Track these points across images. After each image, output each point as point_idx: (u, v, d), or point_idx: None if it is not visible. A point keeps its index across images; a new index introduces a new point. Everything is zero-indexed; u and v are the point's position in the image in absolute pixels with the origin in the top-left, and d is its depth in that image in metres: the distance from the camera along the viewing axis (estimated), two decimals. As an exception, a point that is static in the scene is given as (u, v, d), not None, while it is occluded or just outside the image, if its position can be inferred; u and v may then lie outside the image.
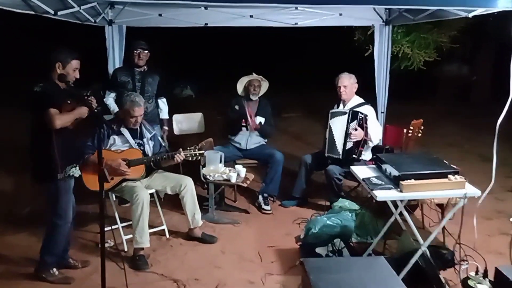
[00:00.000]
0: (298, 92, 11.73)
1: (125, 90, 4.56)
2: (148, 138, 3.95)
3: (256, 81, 4.92)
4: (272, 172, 4.74)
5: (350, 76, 4.55)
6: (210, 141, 4.65)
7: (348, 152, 4.35)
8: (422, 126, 4.07)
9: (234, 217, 4.52)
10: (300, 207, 4.78)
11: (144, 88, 4.71)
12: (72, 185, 3.25)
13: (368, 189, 3.05)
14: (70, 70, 3.12)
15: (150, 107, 4.79)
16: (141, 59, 4.66)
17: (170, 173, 4.03)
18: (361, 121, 4.30)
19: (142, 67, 4.72)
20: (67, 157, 3.14)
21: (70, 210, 3.24)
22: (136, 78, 4.69)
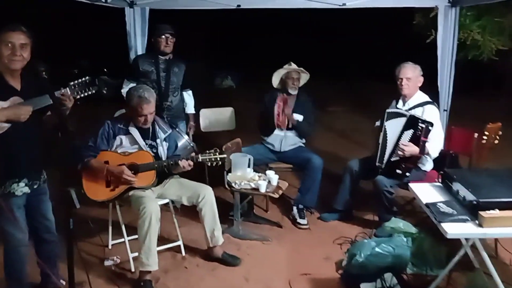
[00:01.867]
0: (344, 84, 10.83)
1: (148, 81, 4.01)
2: (161, 139, 3.34)
3: (295, 73, 4.20)
4: (309, 181, 4.03)
5: (414, 67, 3.73)
6: (237, 142, 3.99)
7: (391, 165, 3.58)
8: (500, 132, 3.21)
9: (263, 232, 3.85)
10: (343, 221, 4.03)
11: (169, 79, 4.12)
12: (20, 203, 2.56)
13: (434, 220, 2.28)
14: (1, 47, 2.35)
15: (175, 101, 4.19)
16: (168, 45, 4.06)
17: (187, 181, 3.40)
18: (419, 133, 3.46)
19: (168, 55, 4.13)
20: (8, 169, 2.47)
21: (18, 232, 2.56)
22: (161, 68, 4.10)
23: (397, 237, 3.20)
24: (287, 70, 4.22)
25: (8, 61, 2.39)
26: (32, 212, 2.65)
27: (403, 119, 3.56)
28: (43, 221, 2.73)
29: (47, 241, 2.73)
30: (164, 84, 4.07)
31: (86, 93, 2.51)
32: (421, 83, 3.77)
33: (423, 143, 3.45)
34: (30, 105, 2.37)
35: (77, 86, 2.48)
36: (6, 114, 2.33)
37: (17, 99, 2.42)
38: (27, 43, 2.42)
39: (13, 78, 2.46)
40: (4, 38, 2.36)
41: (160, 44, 4.04)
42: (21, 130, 2.41)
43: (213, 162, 3.22)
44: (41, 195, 2.67)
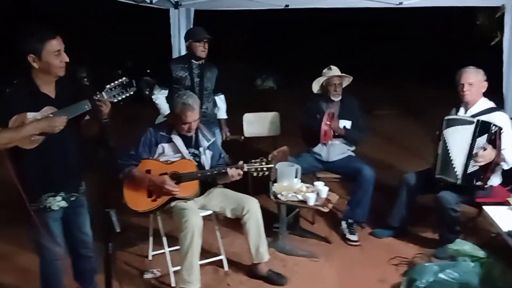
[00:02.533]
0: (392, 86, 10.34)
1: (181, 87, 3.82)
2: (205, 147, 3.16)
3: (336, 78, 3.90)
4: (360, 193, 3.73)
5: (477, 72, 3.37)
6: (284, 150, 3.76)
7: (469, 178, 3.22)
8: None
9: (311, 248, 3.60)
10: (398, 239, 3.71)
11: (203, 84, 3.93)
12: (56, 217, 2.41)
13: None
14: (51, 57, 2.18)
15: (209, 107, 4.01)
16: (205, 50, 3.88)
17: (231, 192, 3.20)
18: (494, 137, 3.12)
19: (201, 60, 3.94)
20: (44, 183, 2.31)
21: (54, 246, 2.40)
22: (195, 73, 3.91)
23: (462, 262, 2.87)
24: (327, 76, 3.93)
25: (58, 70, 2.24)
26: (68, 226, 2.50)
27: (470, 127, 3.21)
28: (80, 235, 2.57)
29: (83, 256, 2.57)
30: (198, 90, 3.87)
31: (123, 95, 2.31)
32: (485, 88, 3.41)
33: (499, 147, 3.12)
34: (64, 115, 2.20)
35: (113, 89, 2.29)
36: (39, 126, 2.16)
37: (51, 109, 2.24)
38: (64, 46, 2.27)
39: (48, 85, 2.29)
40: (51, 49, 2.18)
41: (196, 49, 3.85)
42: (56, 141, 2.25)
43: (259, 173, 3.00)
44: (79, 207, 2.52)
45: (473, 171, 3.20)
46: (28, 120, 2.17)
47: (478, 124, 3.19)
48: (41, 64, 2.19)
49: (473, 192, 3.28)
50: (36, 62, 2.18)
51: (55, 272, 2.51)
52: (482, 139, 3.16)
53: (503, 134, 3.15)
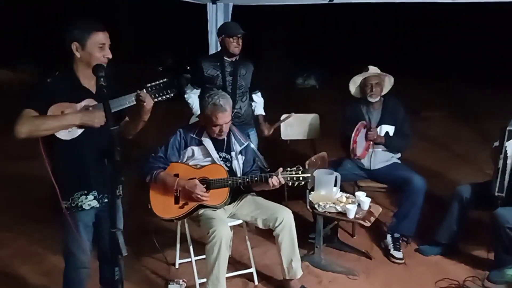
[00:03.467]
0: (443, 87, 9.74)
1: (213, 86, 3.60)
2: (237, 151, 2.94)
3: (373, 78, 3.57)
4: (407, 205, 3.40)
5: None
6: (322, 156, 3.49)
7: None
8: None
9: (349, 263, 3.31)
10: (446, 257, 3.36)
11: (236, 83, 3.69)
12: (87, 220, 2.29)
13: None
14: (94, 49, 2.12)
15: (244, 106, 3.77)
16: (239, 46, 3.63)
17: (263, 200, 2.97)
18: None
19: (235, 56, 3.70)
20: (77, 180, 2.21)
21: (82, 253, 2.29)
22: (227, 71, 3.67)
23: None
24: (364, 76, 3.60)
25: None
26: (100, 228, 2.37)
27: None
28: None
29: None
30: (231, 89, 3.63)
31: (164, 96, 2.23)
32: None
33: None
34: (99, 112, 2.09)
35: (154, 89, 2.20)
36: (80, 117, 2.09)
37: (91, 101, 2.18)
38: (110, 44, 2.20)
39: (89, 80, 2.20)
40: (96, 40, 2.13)
41: (230, 45, 3.60)
42: (94, 136, 2.15)
43: (294, 182, 2.75)
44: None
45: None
46: (68, 110, 2.11)
47: None
48: (83, 54, 2.13)
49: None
50: (79, 51, 2.13)
51: (79, 280, 2.40)
52: None
53: None
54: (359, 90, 3.69)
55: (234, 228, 3.05)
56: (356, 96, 3.72)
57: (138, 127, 2.33)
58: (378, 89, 3.57)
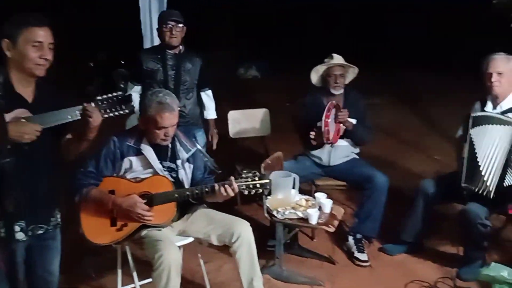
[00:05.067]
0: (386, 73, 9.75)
1: (154, 82, 3.26)
2: (183, 159, 2.54)
3: (338, 68, 3.31)
4: (370, 204, 3.18)
5: (508, 59, 2.84)
6: (277, 157, 3.18)
7: (506, 192, 2.70)
8: None
9: (312, 270, 3.05)
10: (413, 255, 3.19)
11: (179, 78, 3.32)
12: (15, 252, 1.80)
13: None
14: (27, 47, 1.76)
15: (189, 104, 3.41)
16: (174, 36, 3.26)
17: (217, 213, 2.60)
18: None
19: (177, 48, 3.33)
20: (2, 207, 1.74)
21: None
22: (169, 65, 3.31)
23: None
24: (328, 65, 3.35)
25: (34, 66, 1.78)
26: (31, 262, 1.96)
27: (507, 128, 2.69)
28: (45, 275, 2.03)
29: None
30: (173, 85, 3.28)
31: (116, 112, 1.87)
32: None
33: None
34: (39, 123, 1.72)
35: (105, 103, 1.84)
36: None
37: (24, 112, 1.76)
38: (53, 43, 1.80)
39: (25, 87, 1.81)
40: (31, 37, 1.77)
41: (164, 35, 3.24)
42: (24, 155, 1.73)
43: (251, 190, 2.41)
44: (48, 240, 1.99)
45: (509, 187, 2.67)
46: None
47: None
48: (15, 53, 1.78)
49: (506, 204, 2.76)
50: (10, 50, 1.79)
51: None
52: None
53: None
54: (321, 80, 3.41)
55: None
56: (317, 85, 3.44)
57: (81, 147, 1.94)
58: (342, 80, 3.32)
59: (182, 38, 3.32)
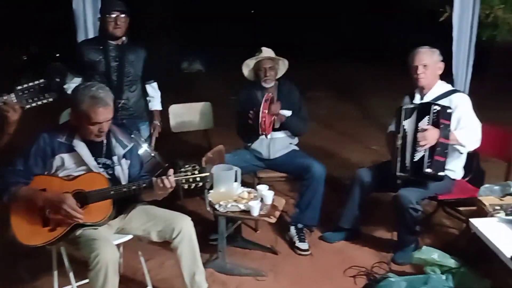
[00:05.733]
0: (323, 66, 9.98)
1: (95, 73, 3.17)
2: (120, 155, 2.47)
3: (267, 61, 3.35)
4: (309, 193, 3.25)
5: (432, 52, 2.99)
6: (219, 150, 3.17)
7: (417, 166, 2.84)
8: None
9: (255, 262, 3.08)
10: (351, 242, 3.30)
11: (123, 70, 3.24)
12: None
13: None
14: None
15: (132, 97, 3.33)
16: (118, 26, 3.17)
17: (156, 209, 2.55)
18: (435, 117, 2.77)
19: (120, 39, 3.24)
20: None
21: None
22: (111, 56, 3.22)
23: (433, 275, 2.49)
24: (256, 59, 3.37)
25: None
26: None
27: (415, 111, 2.90)
28: None
29: None
30: (116, 77, 3.21)
31: (39, 101, 1.82)
32: (441, 70, 3.05)
33: (443, 125, 2.75)
34: None
35: (26, 92, 1.77)
36: None
37: None
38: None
39: None
40: None
41: (107, 25, 3.15)
42: None
43: (191, 184, 2.37)
44: None
45: (420, 158, 2.83)
46: None
47: (419, 108, 2.88)
48: None
49: (433, 187, 2.92)
50: None
51: None
52: (424, 121, 2.82)
53: (450, 111, 2.80)
54: (253, 74, 3.42)
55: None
56: (250, 79, 3.46)
57: (1, 142, 1.86)
58: (272, 73, 3.34)
59: (126, 29, 3.24)
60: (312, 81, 8.53)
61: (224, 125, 4.35)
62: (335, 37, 10.33)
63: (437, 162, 2.79)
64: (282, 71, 3.47)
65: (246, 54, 3.49)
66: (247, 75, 3.47)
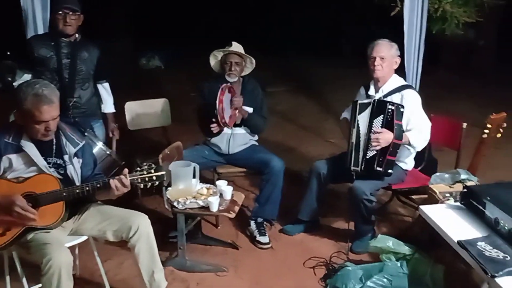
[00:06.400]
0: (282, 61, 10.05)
1: (46, 70, 3.08)
2: (71, 154, 2.39)
3: (235, 56, 3.34)
4: (268, 188, 3.27)
5: (391, 45, 3.06)
6: (177, 146, 3.13)
7: (369, 163, 2.94)
8: (504, 123, 2.67)
9: (216, 257, 3.07)
10: (310, 233, 3.35)
11: (75, 67, 3.15)
12: None
13: (483, 272, 1.61)
14: None
15: (85, 95, 3.24)
16: (68, 24, 3.07)
17: (112, 208, 2.50)
18: (390, 117, 2.85)
19: (72, 36, 3.15)
20: None
21: None
22: (63, 53, 3.13)
23: (388, 263, 2.56)
24: (224, 52, 3.36)
25: None
26: None
27: (369, 107, 2.96)
28: None
29: None
30: (68, 74, 3.12)
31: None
32: (398, 64, 3.14)
33: (397, 126, 2.84)
34: None
35: None
36: None
37: None
38: None
39: None
40: None
41: (58, 22, 3.06)
42: None
43: (147, 183, 2.34)
44: None
45: (371, 157, 2.92)
46: None
47: (373, 105, 2.93)
48: None
49: (387, 178, 3.01)
50: None
51: None
52: (378, 120, 2.90)
53: (403, 110, 2.89)
54: (219, 66, 3.41)
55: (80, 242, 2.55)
56: (216, 70, 3.43)
57: None
58: (237, 69, 3.32)
59: (77, 26, 3.15)
60: (273, 76, 8.58)
61: (184, 121, 4.31)
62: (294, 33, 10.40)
63: (388, 161, 2.91)
64: (249, 69, 3.46)
65: (206, 49, 3.46)
66: (213, 65, 3.44)
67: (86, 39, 3.25)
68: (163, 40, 10.27)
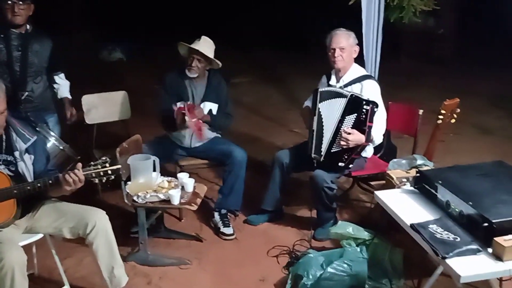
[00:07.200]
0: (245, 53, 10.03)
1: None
2: (22, 150, 2.30)
3: (198, 52, 3.24)
4: (231, 179, 3.26)
5: (348, 34, 3.08)
6: (135, 140, 3.06)
7: (332, 158, 2.98)
8: (458, 109, 2.74)
9: (179, 251, 3.05)
10: (274, 223, 3.37)
11: (26, 60, 3.05)
12: None
13: (433, 255, 1.65)
14: None
15: (37, 88, 3.15)
16: (17, 14, 2.96)
17: (68, 205, 2.43)
18: (363, 117, 2.86)
19: (22, 27, 3.03)
20: None
21: None
22: (13, 45, 3.02)
23: (348, 248, 2.60)
24: (188, 46, 3.26)
25: None
26: None
27: (343, 100, 2.93)
28: None
29: None
30: (19, 67, 3.02)
31: None
32: (357, 53, 3.17)
33: (369, 129, 2.86)
34: None
35: None
36: None
37: None
38: None
39: None
40: None
41: (6, 12, 2.94)
42: None
43: (102, 178, 2.27)
44: None
45: (336, 152, 2.96)
46: None
47: (349, 101, 2.91)
48: None
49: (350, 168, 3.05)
50: None
51: None
52: (351, 117, 2.90)
53: (376, 111, 2.88)
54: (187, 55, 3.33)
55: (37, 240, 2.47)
56: (184, 56, 3.33)
57: None
58: (198, 66, 3.24)
59: (27, 16, 3.03)
60: (238, 68, 8.54)
61: (146, 114, 4.23)
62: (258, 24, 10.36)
63: (353, 159, 2.96)
64: (214, 67, 3.39)
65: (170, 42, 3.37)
66: (182, 53, 3.36)
67: (38, 30, 3.14)
68: (125, 33, 10.04)
